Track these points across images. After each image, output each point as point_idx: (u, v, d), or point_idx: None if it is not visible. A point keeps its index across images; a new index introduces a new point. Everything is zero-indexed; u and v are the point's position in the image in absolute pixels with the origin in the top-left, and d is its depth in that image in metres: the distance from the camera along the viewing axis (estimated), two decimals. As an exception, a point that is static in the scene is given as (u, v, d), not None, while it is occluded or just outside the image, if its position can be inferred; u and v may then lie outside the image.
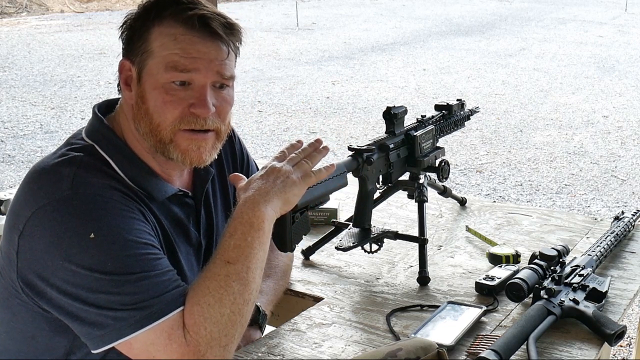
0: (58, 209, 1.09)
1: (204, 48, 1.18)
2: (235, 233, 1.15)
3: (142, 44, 1.18)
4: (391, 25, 13.38)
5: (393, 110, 1.61)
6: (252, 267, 1.14)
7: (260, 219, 1.16)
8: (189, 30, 1.17)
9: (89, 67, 9.24)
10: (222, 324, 1.10)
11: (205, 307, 1.09)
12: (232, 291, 1.11)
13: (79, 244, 1.07)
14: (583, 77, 8.73)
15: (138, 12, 1.21)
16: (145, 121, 1.19)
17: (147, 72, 1.18)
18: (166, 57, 1.16)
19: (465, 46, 11.07)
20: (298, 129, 6.45)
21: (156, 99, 1.17)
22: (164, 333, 1.08)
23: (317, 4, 16.63)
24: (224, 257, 1.13)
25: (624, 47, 10.89)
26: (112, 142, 1.22)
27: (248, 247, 1.14)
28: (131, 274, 1.08)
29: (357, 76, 8.84)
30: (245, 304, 1.12)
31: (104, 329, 1.08)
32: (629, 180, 5.09)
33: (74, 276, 1.07)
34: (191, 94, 1.18)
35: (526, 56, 10.20)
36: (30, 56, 9.96)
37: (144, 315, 1.07)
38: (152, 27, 1.18)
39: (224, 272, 1.12)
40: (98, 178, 1.14)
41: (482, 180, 5.12)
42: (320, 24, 13.54)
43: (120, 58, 1.25)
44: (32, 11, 14.75)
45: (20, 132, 6.29)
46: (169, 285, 1.11)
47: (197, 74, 1.18)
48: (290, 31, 12.53)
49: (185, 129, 1.19)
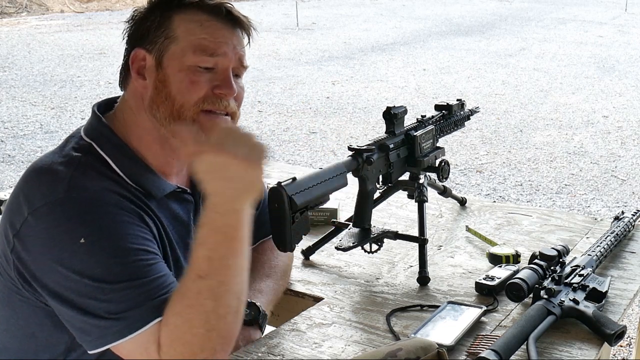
0: (53, 211, 1.10)
1: (229, 34, 1.24)
2: (206, 242, 1.07)
3: (163, 30, 1.21)
4: (391, 25, 13.38)
5: (393, 110, 1.61)
6: (226, 281, 1.07)
7: (234, 228, 1.07)
8: (214, 17, 1.23)
9: (89, 67, 9.23)
10: (194, 343, 1.06)
11: (173, 328, 1.06)
12: (203, 310, 1.05)
13: (70, 248, 1.08)
14: (583, 77, 8.73)
15: (152, 3, 1.24)
16: (166, 105, 1.21)
17: (170, 57, 1.20)
18: (193, 41, 1.20)
19: (465, 46, 11.07)
20: (298, 129, 6.46)
21: (182, 80, 1.20)
22: (142, 345, 1.08)
23: (317, 4, 16.63)
24: (195, 270, 1.07)
25: (624, 47, 10.89)
26: (111, 140, 1.22)
27: (220, 259, 1.07)
28: (119, 282, 1.08)
29: (357, 76, 8.84)
30: (220, 319, 1.07)
31: (90, 335, 1.09)
32: (629, 180, 5.09)
33: (65, 280, 1.08)
34: (215, 77, 1.22)
35: (526, 56, 10.20)
36: (30, 56, 9.96)
37: (124, 325, 1.07)
38: (173, 15, 1.21)
39: (195, 289, 1.06)
40: (95, 180, 1.15)
41: (482, 180, 5.12)
42: (320, 24, 13.54)
43: (119, 58, 1.25)
44: (32, 11, 14.75)
45: (20, 132, 6.29)
46: (155, 294, 1.09)
47: (223, 58, 1.22)
48: (290, 31, 12.53)
49: (207, 110, 1.21)
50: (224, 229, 1.06)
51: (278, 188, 1.30)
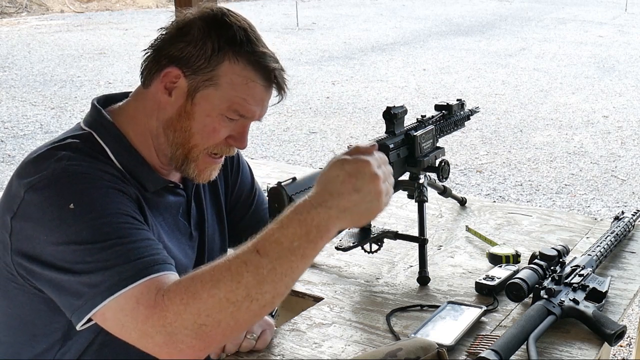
0: (48, 185, 1.11)
1: (266, 98, 1.25)
2: (286, 228, 0.99)
3: (209, 69, 1.19)
4: (391, 25, 13.38)
5: (393, 110, 1.62)
6: (278, 270, 0.98)
7: (320, 233, 1.00)
8: (260, 80, 1.21)
9: (89, 67, 9.23)
10: (205, 302, 0.98)
11: (196, 282, 1.00)
12: (237, 279, 0.98)
13: (59, 216, 1.08)
14: (583, 77, 8.73)
15: (204, 28, 1.20)
16: (182, 135, 1.22)
17: (203, 97, 1.20)
18: (233, 97, 1.20)
19: (465, 46, 11.07)
20: (298, 129, 6.46)
21: (206, 125, 1.21)
22: (133, 298, 1.03)
23: (317, 4, 16.62)
24: (257, 244, 1.00)
25: (624, 47, 10.89)
26: (110, 131, 1.23)
27: (289, 250, 0.99)
28: (105, 241, 1.07)
29: (357, 76, 8.84)
30: (247, 299, 0.98)
31: (81, 297, 1.06)
32: (629, 180, 5.09)
33: (55, 252, 1.08)
34: (234, 127, 1.23)
35: (526, 56, 10.20)
36: (30, 56, 9.96)
37: (114, 282, 1.04)
38: (224, 59, 1.19)
39: (244, 258, 0.99)
40: (91, 162, 1.16)
41: (482, 180, 5.12)
42: (320, 24, 13.54)
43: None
44: (32, 11, 14.75)
45: (20, 132, 6.29)
46: (144, 252, 1.08)
47: (250, 118, 1.24)
48: (290, 31, 12.53)
49: (213, 153, 1.25)
50: (311, 228, 0.99)
51: (278, 188, 1.30)
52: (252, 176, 1.56)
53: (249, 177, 1.55)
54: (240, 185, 1.52)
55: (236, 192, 1.51)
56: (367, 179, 1.01)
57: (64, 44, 10.96)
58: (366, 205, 1.01)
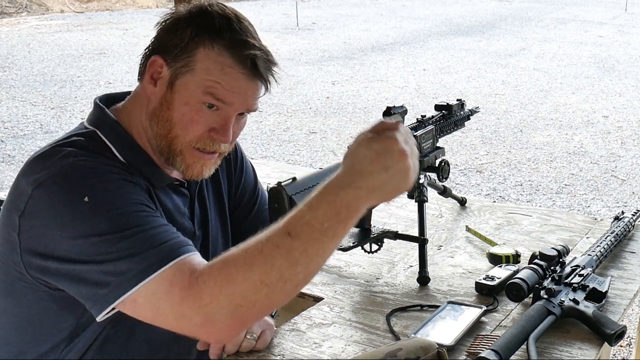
0: (57, 182, 1.11)
1: (246, 85, 1.20)
2: (316, 210, 0.99)
3: (185, 56, 1.19)
4: (391, 25, 13.38)
5: (393, 110, 1.62)
6: (310, 252, 0.99)
7: (350, 213, 0.99)
8: (237, 65, 1.18)
9: (89, 67, 9.23)
10: (240, 285, 0.99)
11: (230, 265, 1.01)
12: (271, 262, 0.99)
13: (73, 211, 1.08)
14: (583, 77, 8.73)
15: (187, 17, 1.21)
16: (164, 126, 1.21)
17: (181, 85, 1.19)
18: (208, 82, 1.18)
19: (465, 46, 11.07)
20: (298, 129, 6.46)
21: (184, 114, 1.19)
22: (165, 281, 1.03)
23: (317, 4, 16.62)
24: (288, 226, 1.00)
25: (624, 47, 10.89)
26: (115, 129, 1.23)
27: (320, 232, 0.98)
28: (125, 230, 1.07)
29: (357, 76, 8.84)
30: (280, 281, 0.99)
31: (107, 286, 1.06)
32: (629, 180, 5.09)
33: (74, 245, 1.08)
34: (215, 119, 1.21)
35: (526, 56, 10.20)
36: (30, 56, 9.96)
37: (143, 268, 1.04)
38: (200, 45, 1.18)
39: (276, 241, 0.99)
40: (98, 158, 1.16)
41: (482, 180, 5.12)
42: (320, 24, 13.54)
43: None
44: (32, 11, 14.75)
45: (20, 132, 6.29)
46: (166, 237, 1.09)
47: (229, 107, 1.20)
48: (290, 31, 12.53)
49: (197, 148, 1.22)
50: (341, 208, 0.98)
51: (278, 188, 1.30)
52: (256, 177, 1.56)
53: (252, 178, 1.54)
54: (244, 186, 1.52)
55: (239, 192, 1.51)
56: (396, 157, 0.99)
57: (64, 44, 10.96)
58: (395, 183, 1.00)
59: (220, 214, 1.45)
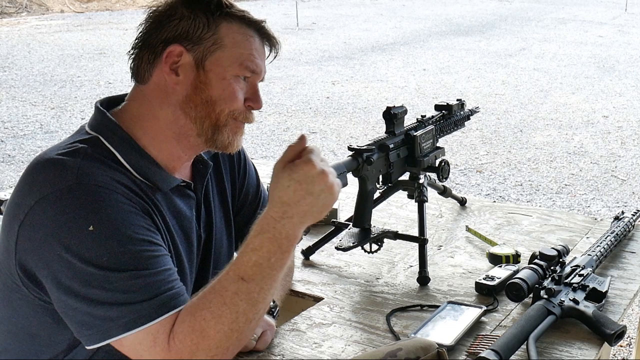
0: (61, 198, 1.09)
1: (263, 51, 1.29)
2: (260, 249, 1.09)
3: (210, 33, 1.22)
4: (391, 25, 13.38)
5: (393, 110, 1.62)
6: (265, 288, 1.10)
7: (290, 242, 1.11)
8: (256, 34, 1.27)
9: (89, 67, 9.23)
10: (213, 339, 1.07)
11: (200, 320, 1.08)
12: (235, 309, 1.08)
13: (78, 234, 1.08)
14: (583, 77, 8.73)
15: (187, 3, 1.23)
16: (205, 106, 1.23)
17: (213, 62, 1.22)
18: (241, 55, 1.23)
19: (465, 46, 11.07)
20: (298, 129, 6.45)
21: (224, 88, 1.23)
22: (150, 335, 1.08)
23: (317, 4, 16.63)
24: (239, 272, 1.09)
25: (624, 47, 10.89)
26: (117, 133, 1.22)
27: (269, 267, 1.09)
28: (125, 271, 1.08)
29: (357, 76, 8.84)
30: (247, 323, 1.10)
31: (91, 328, 1.08)
32: (629, 180, 5.09)
33: (70, 267, 1.07)
34: (246, 90, 1.26)
35: (526, 56, 10.21)
36: (30, 56, 9.96)
37: (133, 318, 1.07)
38: (221, 21, 1.23)
39: (234, 289, 1.08)
40: (102, 170, 1.15)
41: (482, 180, 5.12)
42: (320, 24, 13.55)
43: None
44: (32, 11, 14.75)
45: (20, 132, 6.29)
46: (161, 287, 1.10)
47: (257, 75, 1.27)
48: (290, 31, 12.53)
49: (235, 118, 1.26)
50: (282, 241, 1.09)
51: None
52: (258, 178, 1.56)
53: (255, 180, 1.54)
54: (247, 188, 1.51)
55: (243, 194, 1.51)
56: (317, 179, 1.08)
57: (64, 44, 10.96)
58: (322, 201, 1.09)
59: (225, 216, 1.45)
